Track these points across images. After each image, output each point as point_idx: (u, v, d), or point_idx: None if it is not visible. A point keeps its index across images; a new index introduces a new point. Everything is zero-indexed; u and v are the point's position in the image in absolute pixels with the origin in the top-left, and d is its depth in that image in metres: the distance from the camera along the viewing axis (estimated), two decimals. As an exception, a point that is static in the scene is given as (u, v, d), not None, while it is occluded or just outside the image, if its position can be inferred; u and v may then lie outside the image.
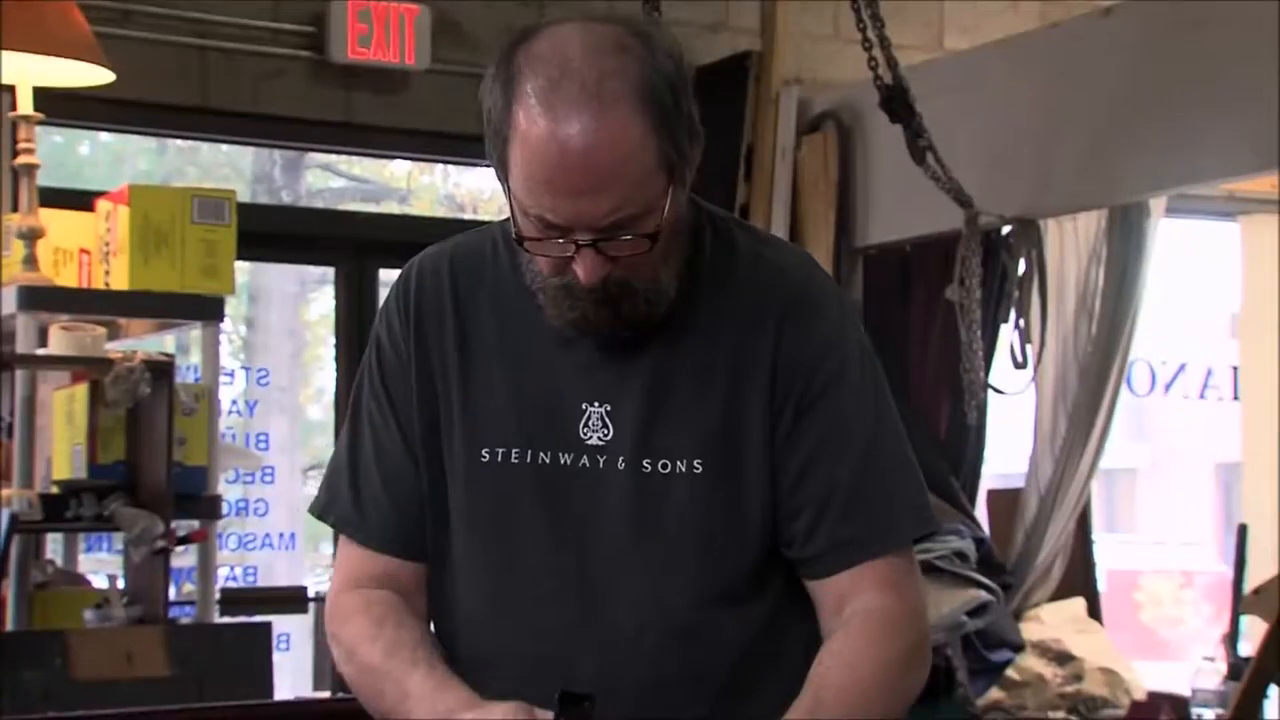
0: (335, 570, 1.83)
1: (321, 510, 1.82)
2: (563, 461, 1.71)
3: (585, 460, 1.71)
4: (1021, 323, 4.60)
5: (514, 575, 1.72)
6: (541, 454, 1.71)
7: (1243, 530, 3.85)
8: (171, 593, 4.15)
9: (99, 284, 4.03)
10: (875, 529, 1.71)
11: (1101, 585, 5.26)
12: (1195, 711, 3.87)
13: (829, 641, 1.69)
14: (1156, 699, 4.45)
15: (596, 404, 1.71)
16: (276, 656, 4.01)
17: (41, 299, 3.89)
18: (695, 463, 1.69)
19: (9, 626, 3.72)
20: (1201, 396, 7.34)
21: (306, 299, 7.46)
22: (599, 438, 1.71)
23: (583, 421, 1.71)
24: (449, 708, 1.64)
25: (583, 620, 1.70)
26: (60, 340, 3.83)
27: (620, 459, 1.70)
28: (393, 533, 1.78)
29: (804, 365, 1.71)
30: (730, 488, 1.70)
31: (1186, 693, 4.05)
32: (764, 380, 1.71)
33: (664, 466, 1.69)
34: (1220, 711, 3.64)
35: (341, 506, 1.80)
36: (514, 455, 1.72)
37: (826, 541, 1.70)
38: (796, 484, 1.71)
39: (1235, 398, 6.39)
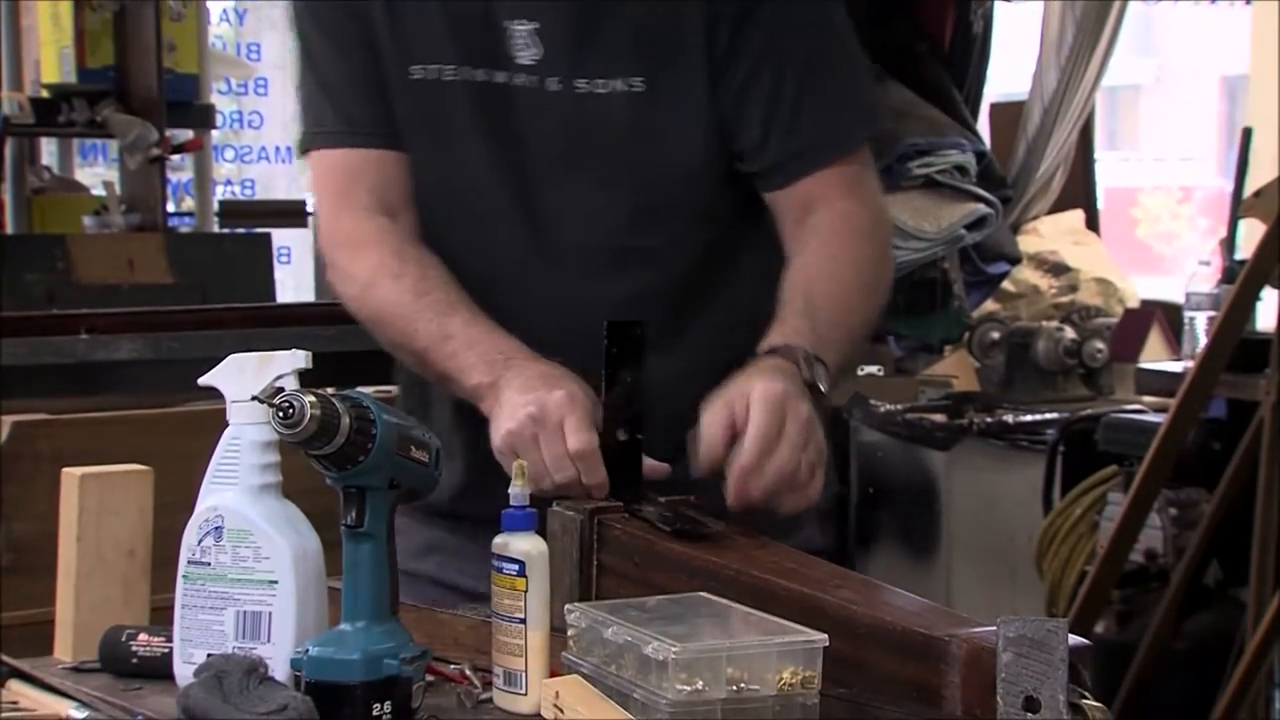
0: (320, 192, 1.72)
1: (309, 140, 1.70)
2: (498, 80, 1.64)
3: (522, 79, 1.64)
4: (1032, -76, 4.46)
5: (453, 195, 1.67)
6: (477, 72, 1.64)
7: (1247, 133, 3.81)
8: (171, 206, 4.16)
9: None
10: (830, 133, 1.68)
11: (1100, 203, 5.25)
12: (1188, 315, 3.91)
13: (802, 251, 1.66)
14: (1149, 306, 4.51)
15: (523, 21, 1.63)
16: (277, 270, 4.04)
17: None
18: (635, 80, 1.63)
19: (9, 230, 3.75)
20: (1213, 1, 7.15)
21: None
22: (529, 57, 1.63)
23: (510, 39, 1.63)
24: (505, 353, 1.55)
25: (527, 242, 1.66)
26: (39, -62, 3.75)
27: (555, 79, 1.63)
28: (382, 119, 1.67)
29: None
30: (672, 104, 1.65)
31: (1180, 302, 4.09)
32: None
33: (602, 86, 1.63)
34: (1212, 314, 3.67)
35: (327, 120, 1.69)
36: (447, 73, 1.64)
37: (781, 150, 1.66)
38: (742, 92, 1.66)
39: (1248, 1, 6.24)
